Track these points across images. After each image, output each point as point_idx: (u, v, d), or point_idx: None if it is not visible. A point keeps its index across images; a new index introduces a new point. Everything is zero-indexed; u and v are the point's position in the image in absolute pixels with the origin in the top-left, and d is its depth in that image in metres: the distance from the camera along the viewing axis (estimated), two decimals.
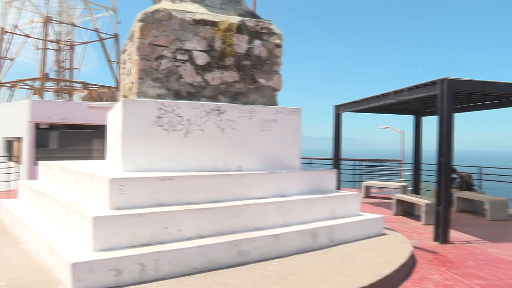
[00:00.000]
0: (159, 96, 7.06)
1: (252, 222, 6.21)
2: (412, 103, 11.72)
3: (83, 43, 41.91)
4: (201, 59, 7.43)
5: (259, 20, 8.04)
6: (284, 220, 6.55)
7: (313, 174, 7.68)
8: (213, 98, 7.48)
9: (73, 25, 39.61)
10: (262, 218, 6.32)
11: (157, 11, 7.18)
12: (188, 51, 7.34)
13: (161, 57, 7.13)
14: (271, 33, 8.06)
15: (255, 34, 7.90)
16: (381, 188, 16.71)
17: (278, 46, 8.13)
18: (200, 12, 7.62)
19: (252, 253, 5.71)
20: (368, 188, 15.09)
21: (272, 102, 8.02)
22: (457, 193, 11.99)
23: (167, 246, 5.17)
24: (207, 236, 5.68)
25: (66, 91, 36.78)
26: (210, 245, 5.38)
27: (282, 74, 8.11)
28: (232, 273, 5.18)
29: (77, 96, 35.13)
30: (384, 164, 19.97)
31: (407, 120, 14.52)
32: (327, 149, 14.33)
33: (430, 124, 10.89)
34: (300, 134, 7.91)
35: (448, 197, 8.19)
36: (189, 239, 5.52)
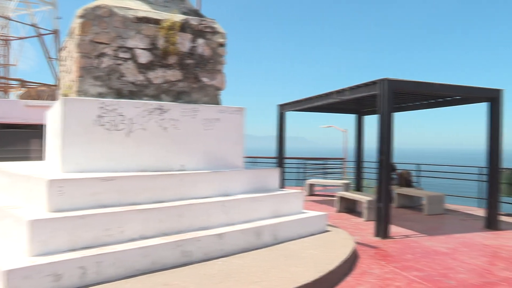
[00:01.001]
0: (100, 95, 6.88)
1: (197, 222, 6.17)
2: (354, 102, 12.02)
3: (20, 38, 40.19)
4: (144, 57, 7.30)
5: (203, 18, 8.00)
6: (228, 219, 6.55)
7: (257, 173, 7.73)
8: (156, 97, 7.37)
9: (8, 18, 37.90)
10: (207, 218, 6.29)
11: (98, 7, 6.99)
12: (130, 49, 7.19)
13: (102, 54, 6.95)
14: (214, 32, 8.03)
15: (198, 33, 7.85)
16: (325, 186, 17.02)
17: (222, 45, 8.12)
18: (143, 9, 7.49)
19: (197, 253, 5.68)
20: (312, 186, 15.32)
21: (215, 101, 8.00)
22: (397, 190, 12.41)
23: (109, 248, 5.05)
24: (151, 237, 5.60)
25: (2, 89, 35.21)
26: (154, 246, 5.30)
27: (226, 73, 8.11)
28: (176, 274, 5.13)
29: (14, 94, 33.67)
30: (328, 162, 20.36)
31: (350, 119, 14.90)
32: (273, 148, 14.45)
33: (372, 122, 11.21)
34: (244, 133, 7.93)
35: (388, 193, 8.46)
36: (132, 240, 5.41)
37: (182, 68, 7.67)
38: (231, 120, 7.75)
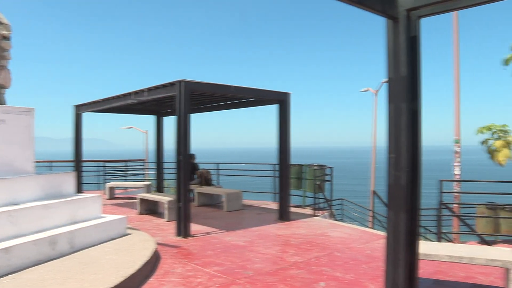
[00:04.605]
0: None
1: None
2: (154, 103, 11.98)
3: None
4: None
5: None
6: (17, 230, 5.93)
7: (50, 178, 7.18)
8: None
9: None
10: None
11: None
12: None
13: None
14: None
15: None
16: (126, 188, 16.65)
17: (6, 38, 7.34)
18: None
19: None
20: (112, 189, 14.85)
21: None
22: (197, 189, 12.73)
23: None
24: None
25: None
26: None
27: (11, 70, 7.36)
28: None
29: None
30: (128, 164, 19.95)
31: (151, 120, 14.81)
32: (71, 151, 13.58)
33: (172, 123, 11.31)
34: (33, 136, 7.28)
35: (187, 193, 8.62)
36: None
37: None
38: (18, 122, 7.04)
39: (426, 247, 5.50)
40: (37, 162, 7.36)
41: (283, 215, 10.28)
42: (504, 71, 9.72)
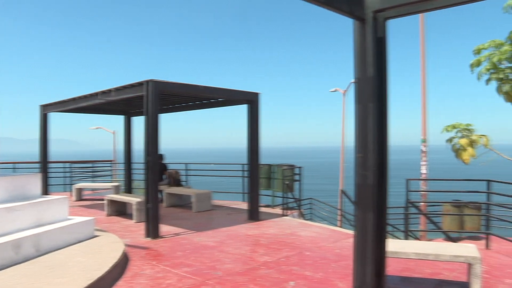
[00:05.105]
0: None
1: None
2: (122, 103, 11.82)
3: None
4: None
5: None
6: None
7: (14, 180, 6.99)
8: None
9: None
10: None
11: None
12: None
13: None
14: None
15: None
16: (94, 189, 16.39)
17: None
18: None
19: None
20: (80, 190, 14.59)
21: None
22: (166, 190, 12.63)
23: None
24: None
25: None
26: None
27: None
28: None
29: None
30: (97, 165, 19.66)
31: (120, 120, 14.61)
32: (38, 152, 13.27)
33: (141, 123, 11.19)
34: None
35: (156, 194, 8.54)
36: None
37: None
38: None
39: (394, 245, 5.59)
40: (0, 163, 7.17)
41: (253, 215, 10.29)
42: (470, 69, 9.94)
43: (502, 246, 7.99)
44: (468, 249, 5.44)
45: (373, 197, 3.34)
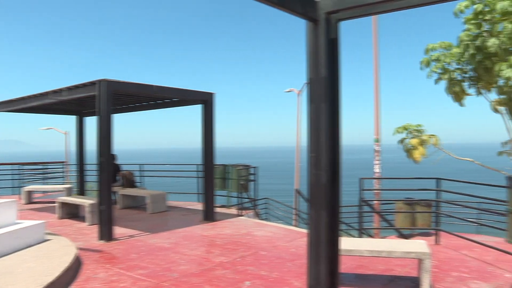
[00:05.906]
0: None
1: None
2: (75, 103, 11.54)
3: None
4: None
5: None
6: None
7: None
8: None
9: None
10: None
11: None
12: None
13: None
14: None
15: None
16: (45, 192, 15.91)
17: None
18: None
19: None
20: (30, 193, 14.11)
21: None
22: (120, 191, 12.41)
23: None
24: None
25: None
26: None
27: None
28: None
29: None
30: (48, 166, 19.09)
31: (72, 121, 14.25)
32: None
33: (94, 124, 10.95)
34: None
35: (109, 195, 8.38)
36: None
37: None
38: None
39: (348, 243, 5.69)
40: None
41: (208, 215, 10.25)
42: (422, 71, 10.22)
43: (451, 241, 8.27)
44: (418, 245, 5.60)
45: (326, 196, 3.39)
